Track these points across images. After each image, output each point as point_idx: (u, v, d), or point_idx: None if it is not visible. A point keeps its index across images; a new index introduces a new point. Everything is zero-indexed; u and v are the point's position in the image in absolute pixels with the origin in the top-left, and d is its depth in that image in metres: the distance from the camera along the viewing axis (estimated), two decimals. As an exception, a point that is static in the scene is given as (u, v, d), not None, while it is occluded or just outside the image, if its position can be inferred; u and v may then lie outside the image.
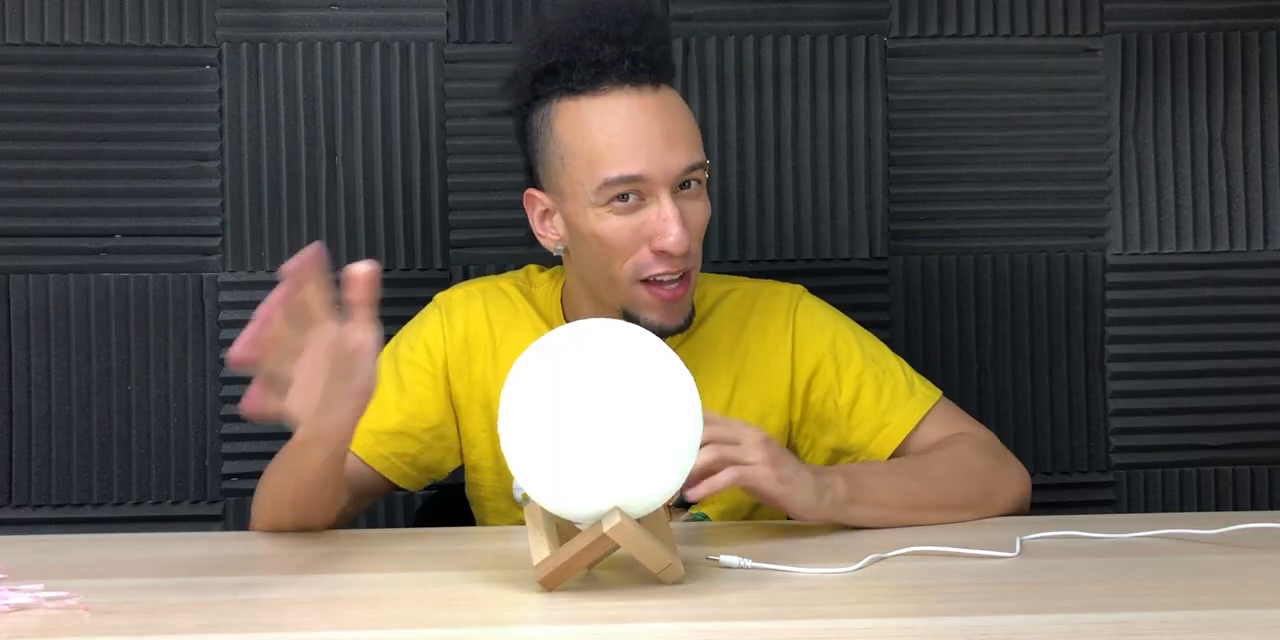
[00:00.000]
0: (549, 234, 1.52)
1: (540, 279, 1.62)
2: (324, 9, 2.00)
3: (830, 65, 2.04)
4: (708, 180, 1.49)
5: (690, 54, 2.01)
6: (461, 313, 1.58)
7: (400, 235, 2.00)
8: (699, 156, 1.45)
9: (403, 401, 1.54)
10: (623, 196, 1.43)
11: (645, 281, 1.45)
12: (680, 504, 1.53)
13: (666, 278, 1.45)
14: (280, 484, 1.37)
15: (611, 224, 1.44)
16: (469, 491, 1.64)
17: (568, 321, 1.55)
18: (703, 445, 1.23)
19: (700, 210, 1.47)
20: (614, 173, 1.42)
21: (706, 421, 1.21)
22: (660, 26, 1.48)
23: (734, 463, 1.30)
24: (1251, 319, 2.07)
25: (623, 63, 1.42)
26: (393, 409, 1.54)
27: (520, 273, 1.64)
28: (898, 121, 2.05)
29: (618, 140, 1.42)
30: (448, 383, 1.56)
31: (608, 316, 1.46)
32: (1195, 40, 2.06)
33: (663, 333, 1.45)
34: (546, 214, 1.51)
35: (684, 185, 1.45)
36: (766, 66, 2.03)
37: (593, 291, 1.52)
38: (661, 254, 1.43)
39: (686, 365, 1.14)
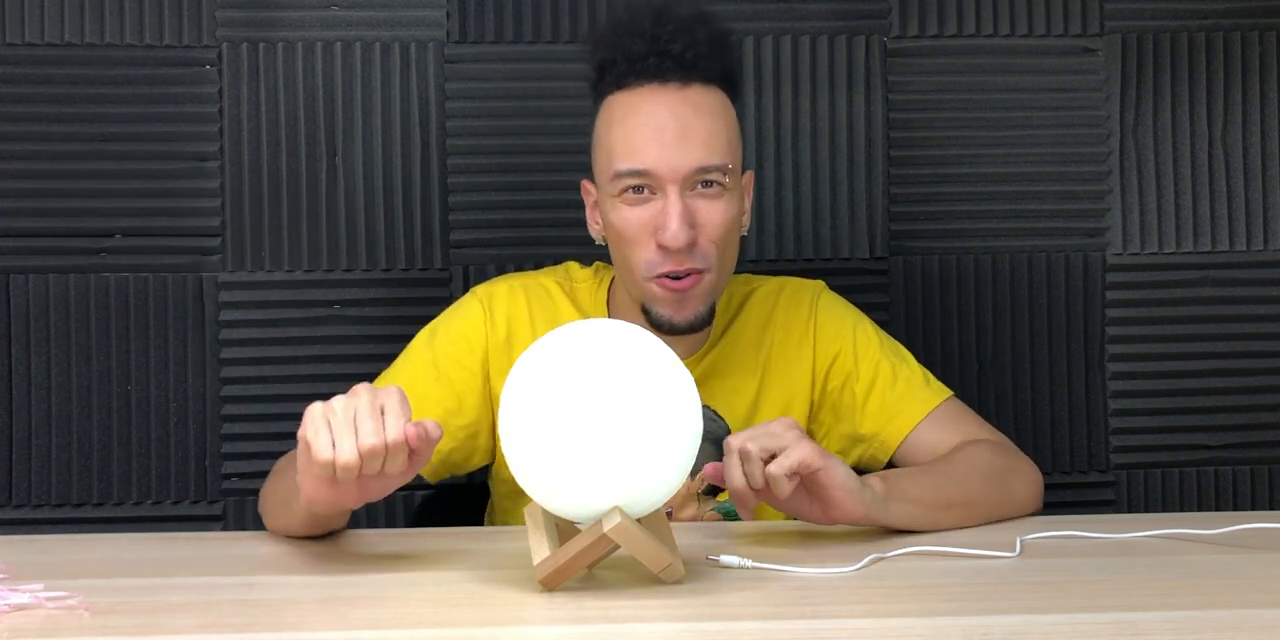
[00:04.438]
0: (595, 224, 1.55)
1: (582, 275, 1.62)
2: (324, 9, 2.00)
3: (830, 65, 2.03)
4: (751, 186, 1.52)
5: (690, 54, 2.01)
6: (504, 309, 1.57)
7: (400, 235, 2.00)
8: (718, 159, 1.45)
9: (441, 396, 1.53)
10: (637, 189, 1.45)
11: (658, 277, 1.46)
12: (708, 491, 1.53)
13: (672, 275, 1.46)
14: (292, 516, 1.35)
15: (623, 214, 1.46)
16: (493, 485, 1.63)
17: (612, 317, 1.56)
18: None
19: (718, 211, 1.46)
20: (623, 166, 1.45)
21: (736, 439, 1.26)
22: (707, 28, 1.49)
23: (770, 447, 1.26)
24: (1251, 319, 2.07)
25: (649, 59, 1.45)
26: (431, 403, 1.52)
27: (560, 269, 1.63)
28: (898, 121, 2.05)
29: (632, 134, 1.45)
30: (486, 379, 1.55)
31: (637, 310, 1.50)
32: (1195, 40, 2.06)
33: (674, 329, 1.47)
34: (596, 205, 1.54)
35: (705, 184, 1.45)
36: (766, 66, 2.03)
37: (622, 283, 1.54)
38: (664, 249, 1.44)
39: (719, 364, 1.13)
